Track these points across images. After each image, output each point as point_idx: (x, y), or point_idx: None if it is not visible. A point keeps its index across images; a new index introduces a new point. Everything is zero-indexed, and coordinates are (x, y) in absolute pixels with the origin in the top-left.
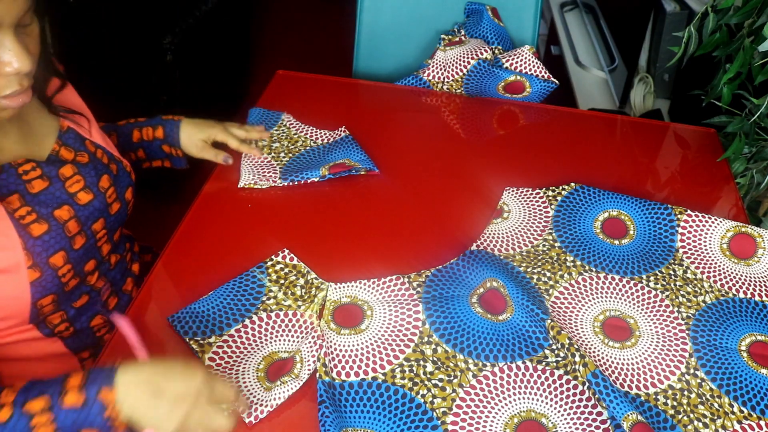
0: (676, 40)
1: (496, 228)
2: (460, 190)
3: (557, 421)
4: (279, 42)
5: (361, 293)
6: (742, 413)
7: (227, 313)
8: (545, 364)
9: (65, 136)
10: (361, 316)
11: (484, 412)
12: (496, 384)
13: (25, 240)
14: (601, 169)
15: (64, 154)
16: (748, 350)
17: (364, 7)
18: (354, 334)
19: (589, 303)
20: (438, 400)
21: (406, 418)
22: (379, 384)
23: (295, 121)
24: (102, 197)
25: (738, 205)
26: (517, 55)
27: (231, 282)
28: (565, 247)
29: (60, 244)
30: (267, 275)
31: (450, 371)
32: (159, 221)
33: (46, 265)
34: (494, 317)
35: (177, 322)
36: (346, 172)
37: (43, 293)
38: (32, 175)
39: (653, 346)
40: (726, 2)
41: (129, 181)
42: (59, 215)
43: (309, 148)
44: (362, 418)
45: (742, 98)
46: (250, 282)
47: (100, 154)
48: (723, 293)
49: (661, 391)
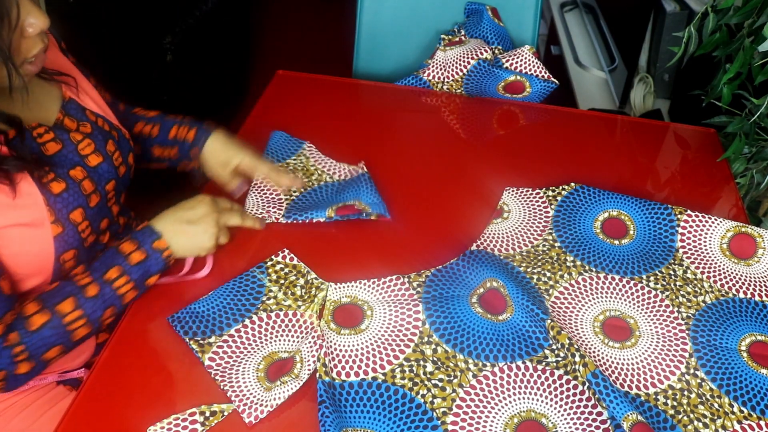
0: (676, 40)
1: (496, 228)
2: (460, 191)
3: (557, 421)
4: (279, 42)
5: (361, 293)
6: (742, 413)
7: (227, 313)
8: (545, 364)
9: (68, 105)
10: (361, 316)
11: (484, 412)
12: (496, 384)
13: (47, 197)
14: (601, 169)
15: (68, 123)
16: (748, 350)
17: (364, 7)
18: (354, 334)
19: (589, 303)
20: (438, 400)
21: (406, 418)
22: (379, 384)
23: (315, 151)
24: (110, 160)
25: (738, 205)
26: (517, 55)
27: (231, 282)
28: (565, 247)
29: (78, 202)
30: (267, 275)
31: (450, 371)
32: None
33: (67, 220)
34: (494, 317)
35: (177, 322)
36: (355, 215)
37: (65, 247)
38: (46, 138)
39: (653, 346)
40: (726, 2)
41: (129, 147)
42: (74, 175)
43: (323, 183)
44: (362, 418)
45: (742, 98)
46: (250, 282)
47: (101, 122)
48: (723, 293)
49: (661, 391)
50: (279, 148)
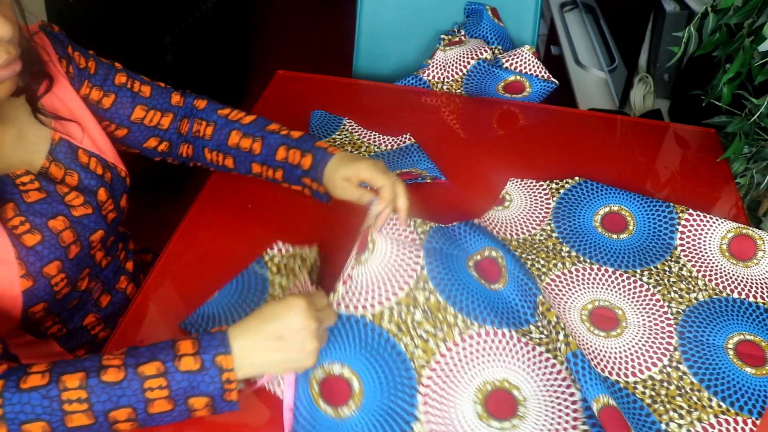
0: (676, 40)
1: (496, 215)
2: (460, 191)
3: (529, 395)
4: (279, 42)
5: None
6: (720, 408)
7: (238, 310)
8: (529, 338)
9: (56, 149)
10: (364, 247)
11: (461, 372)
12: (479, 346)
13: (18, 250)
14: (600, 169)
15: (54, 171)
16: (735, 348)
17: (364, 7)
18: (354, 264)
19: (579, 292)
20: (419, 351)
21: (383, 362)
22: (365, 323)
23: (356, 125)
24: (98, 211)
25: (738, 205)
26: (517, 55)
27: (234, 281)
28: (563, 238)
29: (54, 254)
30: (267, 269)
31: (438, 323)
32: (159, 221)
33: (39, 274)
34: (487, 284)
35: (190, 326)
36: (413, 180)
37: (34, 301)
38: (29, 187)
39: (638, 338)
40: (726, 2)
41: (124, 188)
42: (53, 225)
43: (373, 153)
44: (340, 352)
45: (742, 98)
46: (253, 277)
47: (94, 164)
48: (717, 292)
49: (640, 380)
50: (321, 126)
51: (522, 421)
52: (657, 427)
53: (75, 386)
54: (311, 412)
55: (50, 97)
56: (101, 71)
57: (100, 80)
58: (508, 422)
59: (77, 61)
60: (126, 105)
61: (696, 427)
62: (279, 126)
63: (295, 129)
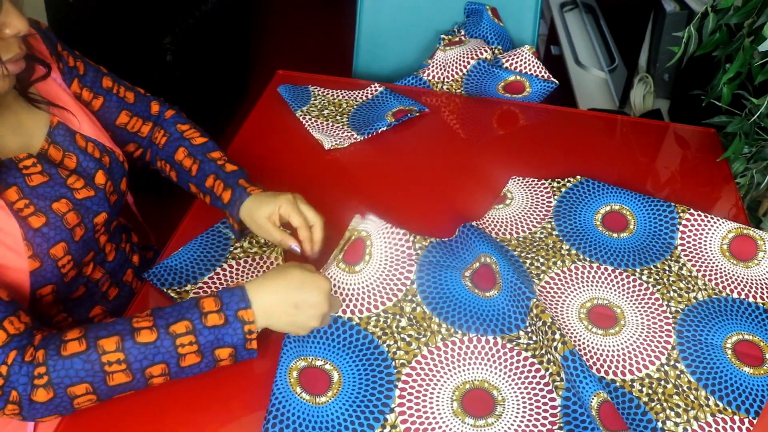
0: (676, 40)
1: (497, 213)
2: (460, 191)
3: (507, 395)
4: (279, 42)
5: (376, 235)
6: (717, 407)
7: (199, 264)
8: (515, 344)
9: (54, 132)
10: (360, 257)
11: (440, 372)
12: (461, 351)
13: (25, 231)
14: (601, 169)
15: (53, 153)
16: (733, 348)
17: (364, 7)
18: (348, 273)
19: (578, 290)
20: (401, 352)
21: (365, 360)
22: (352, 326)
23: (323, 89)
24: (102, 193)
25: (738, 205)
26: (517, 55)
27: (198, 238)
28: (563, 236)
29: (60, 236)
30: (231, 229)
31: (422, 330)
32: (159, 220)
33: (46, 255)
34: (481, 293)
35: (153, 276)
36: (405, 116)
37: (42, 283)
38: (32, 170)
39: (636, 336)
40: (726, 2)
41: (122, 172)
42: (57, 208)
43: (357, 106)
44: (323, 349)
45: (742, 98)
46: (216, 236)
47: (91, 148)
48: (716, 292)
49: (638, 378)
50: (294, 98)
51: (498, 420)
52: (653, 426)
53: (113, 349)
54: (286, 395)
55: (45, 86)
56: (90, 73)
57: (90, 82)
58: (483, 420)
59: (66, 60)
60: (112, 109)
61: (692, 426)
62: (221, 155)
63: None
